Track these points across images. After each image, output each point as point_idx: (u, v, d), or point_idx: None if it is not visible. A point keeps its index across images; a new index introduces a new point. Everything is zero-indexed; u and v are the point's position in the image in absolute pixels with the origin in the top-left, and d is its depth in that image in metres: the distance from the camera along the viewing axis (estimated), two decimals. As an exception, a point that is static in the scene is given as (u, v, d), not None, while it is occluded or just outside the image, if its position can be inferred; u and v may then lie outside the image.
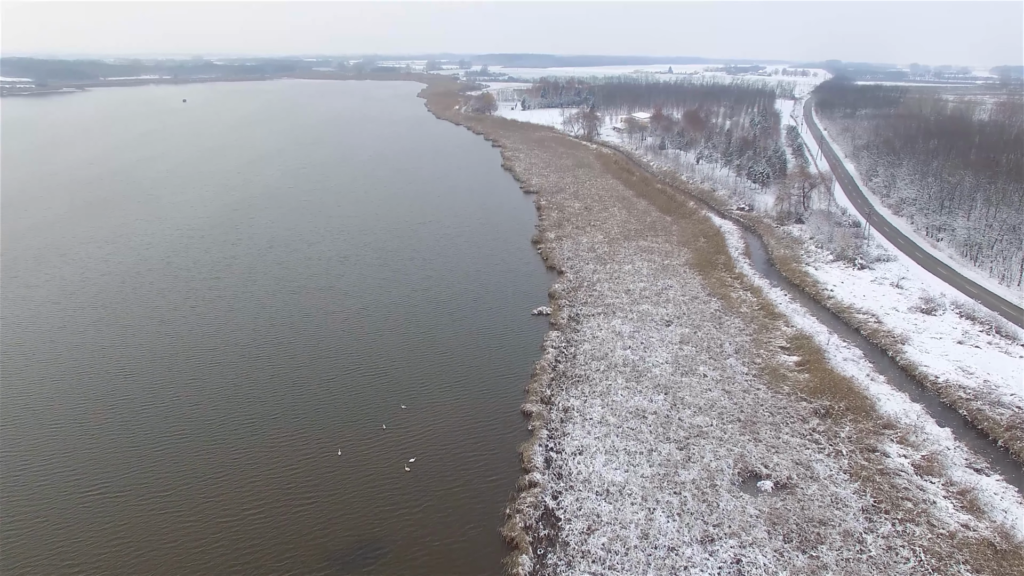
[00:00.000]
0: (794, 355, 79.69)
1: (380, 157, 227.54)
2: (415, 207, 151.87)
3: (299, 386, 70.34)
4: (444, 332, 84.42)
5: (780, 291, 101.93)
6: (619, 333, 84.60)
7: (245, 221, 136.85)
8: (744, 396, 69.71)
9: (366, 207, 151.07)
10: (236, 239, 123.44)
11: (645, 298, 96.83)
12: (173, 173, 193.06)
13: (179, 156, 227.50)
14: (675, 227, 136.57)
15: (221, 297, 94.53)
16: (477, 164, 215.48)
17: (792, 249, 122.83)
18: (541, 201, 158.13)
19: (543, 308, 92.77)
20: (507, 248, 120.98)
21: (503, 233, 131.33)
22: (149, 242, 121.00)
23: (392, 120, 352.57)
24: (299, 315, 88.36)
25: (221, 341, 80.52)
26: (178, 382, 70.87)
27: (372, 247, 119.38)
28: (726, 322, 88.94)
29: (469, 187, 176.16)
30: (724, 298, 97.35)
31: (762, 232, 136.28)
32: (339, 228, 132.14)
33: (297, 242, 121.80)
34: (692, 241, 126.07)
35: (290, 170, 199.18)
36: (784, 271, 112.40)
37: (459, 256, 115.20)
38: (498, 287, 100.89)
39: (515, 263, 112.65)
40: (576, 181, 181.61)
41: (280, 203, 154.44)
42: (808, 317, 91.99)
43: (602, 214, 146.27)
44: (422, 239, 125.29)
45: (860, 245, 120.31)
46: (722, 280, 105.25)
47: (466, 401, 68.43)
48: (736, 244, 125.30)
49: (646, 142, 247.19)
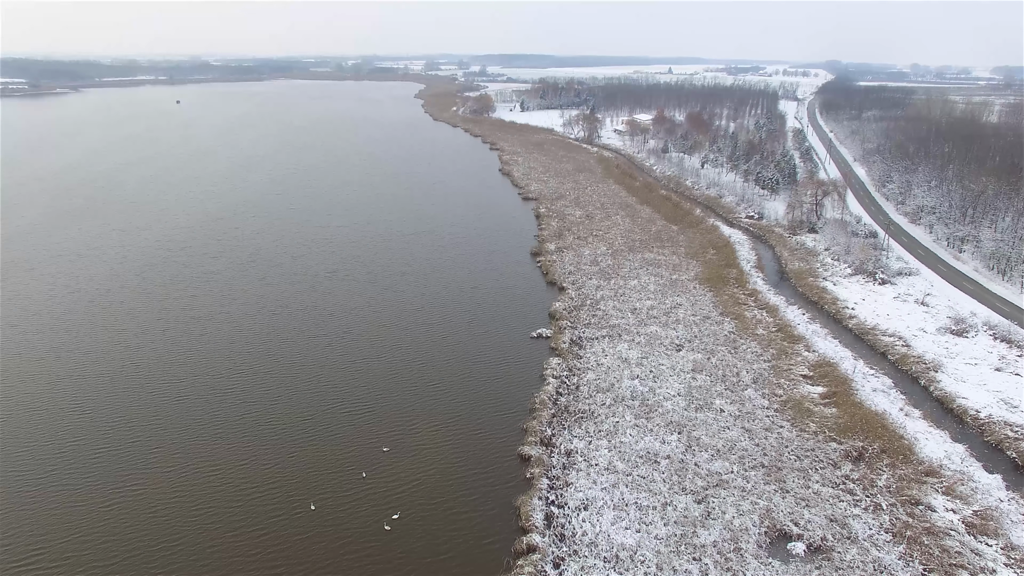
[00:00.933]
0: (818, 385, 72.72)
1: (374, 161, 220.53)
2: (409, 216, 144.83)
3: (271, 426, 63.26)
4: (435, 360, 77.36)
5: (797, 309, 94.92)
6: (626, 360, 77.59)
7: (228, 231, 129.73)
8: (766, 436, 62.71)
9: (357, 215, 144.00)
10: (217, 252, 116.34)
11: (653, 318, 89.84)
12: (157, 178, 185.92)
13: (166, 160, 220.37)
14: (682, 237, 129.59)
15: (196, 318, 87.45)
16: (474, 168, 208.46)
17: (807, 262, 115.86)
18: (540, 209, 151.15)
19: (543, 330, 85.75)
20: (505, 261, 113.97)
21: (500, 244, 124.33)
22: (124, 255, 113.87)
23: (388, 122, 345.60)
24: (277, 340, 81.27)
25: (190, 371, 73.43)
26: (139, 419, 63.78)
27: (361, 261, 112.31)
28: (742, 346, 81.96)
29: (465, 193, 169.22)
30: (738, 318, 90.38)
31: (774, 243, 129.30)
32: (327, 239, 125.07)
33: (281, 255, 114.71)
34: (701, 253, 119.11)
35: (279, 175, 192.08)
36: (800, 286, 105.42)
37: (453, 271, 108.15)
38: (495, 306, 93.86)
39: (513, 279, 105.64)
40: (577, 187, 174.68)
41: (266, 211, 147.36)
42: (830, 340, 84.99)
43: (604, 223, 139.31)
44: (415, 252, 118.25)
45: (879, 257, 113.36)
46: (735, 297, 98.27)
47: (457, 442, 61.41)
48: (747, 256, 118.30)
49: (648, 145, 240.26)
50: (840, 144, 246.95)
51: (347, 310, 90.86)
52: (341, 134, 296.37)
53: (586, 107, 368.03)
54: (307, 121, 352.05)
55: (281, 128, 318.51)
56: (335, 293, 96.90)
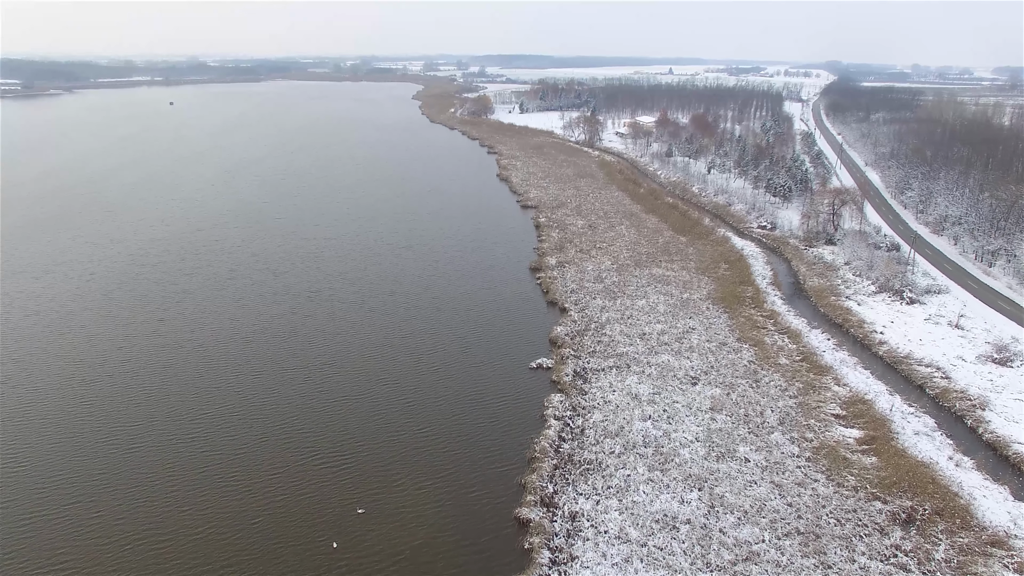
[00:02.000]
0: (853, 427, 64.74)
1: (367, 165, 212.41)
2: (401, 226, 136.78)
3: (232, 483, 55.17)
4: (423, 398, 69.30)
5: (821, 333, 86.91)
6: (636, 396, 69.57)
7: (208, 244, 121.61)
8: (800, 493, 54.70)
9: (346, 227, 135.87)
10: (193, 267, 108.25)
11: (664, 345, 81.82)
12: (140, 185, 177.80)
13: (152, 165, 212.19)
14: (691, 250, 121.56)
15: (161, 347, 79.38)
16: (471, 174, 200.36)
17: (827, 278, 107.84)
18: (540, 218, 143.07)
19: (543, 360, 77.72)
20: (502, 278, 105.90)
21: (498, 258, 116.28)
22: (92, 271, 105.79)
23: (383, 124, 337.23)
24: (249, 374, 73.18)
25: (148, 412, 65.35)
26: (81, 473, 55.76)
27: (348, 279, 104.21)
28: (764, 379, 73.95)
29: (461, 202, 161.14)
30: (757, 344, 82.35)
31: (789, 256, 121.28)
32: (313, 254, 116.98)
33: (262, 272, 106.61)
34: (712, 268, 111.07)
35: (268, 181, 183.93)
36: (822, 306, 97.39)
37: (447, 290, 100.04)
38: (491, 332, 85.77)
39: (511, 298, 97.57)
40: (578, 194, 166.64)
41: (251, 221, 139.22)
42: (860, 371, 76.99)
43: (608, 233, 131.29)
44: (406, 267, 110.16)
45: (904, 273, 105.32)
46: (752, 319, 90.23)
47: (444, 502, 53.39)
48: (762, 271, 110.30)
49: (652, 149, 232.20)
50: (850, 148, 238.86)
51: (329, 336, 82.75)
52: (335, 136, 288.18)
53: (586, 109, 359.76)
54: (301, 123, 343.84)
55: (274, 130, 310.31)
56: (316, 316, 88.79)
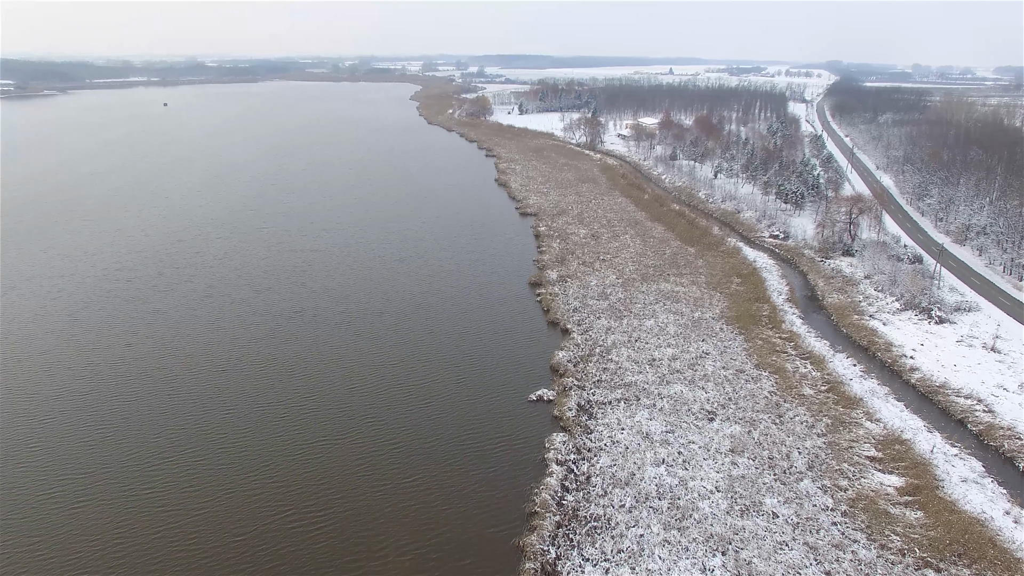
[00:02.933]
0: (892, 472, 57.79)
1: (360, 170, 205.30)
2: (394, 236, 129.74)
3: (191, 547, 48.22)
4: (412, 438, 62.28)
5: (846, 358, 79.87)
6: (647, 435, 62.60)
7: (187, 257, 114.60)
8: (839, 558, 47.75)
9: (335, 237, 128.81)
10: (170, 284, 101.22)
11: (676, 372, 74.84)
12: (124, 191, 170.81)
13: (138, 169, 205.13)
14: (701, 262, 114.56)
15: (125, 377, 72.35)
16: (468, 179, 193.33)
17: (847, 293, 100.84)
18: (540, 227, 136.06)
19: (544, 391, 70.75)
20: (500, 295, 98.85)
21: (495, 272, 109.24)
22: (61, 288, 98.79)
23: (379, 126, 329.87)
24: (220, 410, 66.07)
25: (102, 459, 58.34)
26: (19, 526, 48.80)
27: (335, 296, 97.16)
28: (787, 413, 66.98)
29: (458, 209, 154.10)
30: (778, 372, 75.38)
31: (805, 268, 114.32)
32: (298, 267, 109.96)
33: (243, 288, 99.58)
34: (724, 282, 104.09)
35: (257, 187, 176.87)
36: (844, 326, 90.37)
37: (441, 310, 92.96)
38: (487, 358, 78.73)
39: (509, 318, 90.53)
40: (580, 200, 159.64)
41: (236, 231, 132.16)
42: (892, 402, 70.02)
43: (612, 244, 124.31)
44: (398, 283, 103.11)
45: (930, 288, 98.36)
46: (770, 342, 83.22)
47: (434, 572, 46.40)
48: (778, 286, 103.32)
49: (655, 152, 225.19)
50: (859, 150, 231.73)
51: (310, 365, 75.71)
52: (329, 138, 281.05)
53: (587, 110, 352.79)
54: (296, 124, 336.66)
55: (267, 132, 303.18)
56: (298, 341, 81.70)
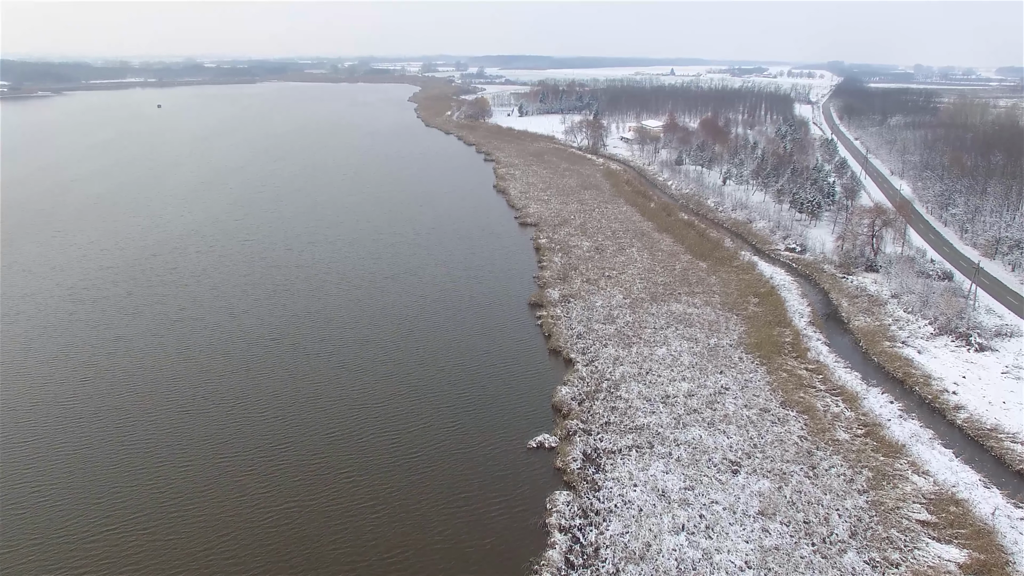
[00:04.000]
0: (950, 542, 49.70)
1: (354, 176, 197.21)
2: (385, 250, 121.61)
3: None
4: (396, 500, 54.15)
5: (881, 394, 71.74)
6: (663, 494, 54.49)
7: (162, 274, 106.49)
8: (901, 662, 39.64)
9: (323, 251, 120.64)
10: (138, 306, 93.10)
11: (693, 413, 66.72)
12: (105, 198, 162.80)
13: (123, 174, 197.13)
14: (714, 279, 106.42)
15: (76, 418, 64.27)
16: (466, 185, 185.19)
17: (875, 316, 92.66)
18: (541, 238, 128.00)
19: (545, 437, 62.63)
20: (497, 319, 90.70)
21: (493, 292, 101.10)
22: (20, 310, 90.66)
23: (376, 128, 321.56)
24: (177, 462, 57.89)
25: (46, 516, 50.29)
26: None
27: (318, 320, 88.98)
28: (822, 464, 58.85)
29: (454, 219, 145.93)
30: (807, 411, 67.26)
31: (826, 286, 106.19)
32: (281, 286, 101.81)
33: (218, 311, 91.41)
34: (740, 302, 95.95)
35: (245, 194, 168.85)
36: (875, 354, 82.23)
37: (433, 337, 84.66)
38: (483, 396, 70.54)
39: (507, 347, 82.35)
40: (583, 209, 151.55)
41: (217, 244, 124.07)
42: (940, 450, 61.89)
43: (618, 258, 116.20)
44: (388, 304, 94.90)
45: (965, 310, 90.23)
46: (795, 375, 75.11)
47: None
48: (799, 307, 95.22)
49: (660, 156, 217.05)
50: (871, 155, 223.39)
51: (285, 405, 67.56)
52: (323, 142, 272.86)
53: (588, 112, 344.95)
54: (290, 127, 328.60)
55: (259, 135, 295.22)
56: (274, 375, 73.51)
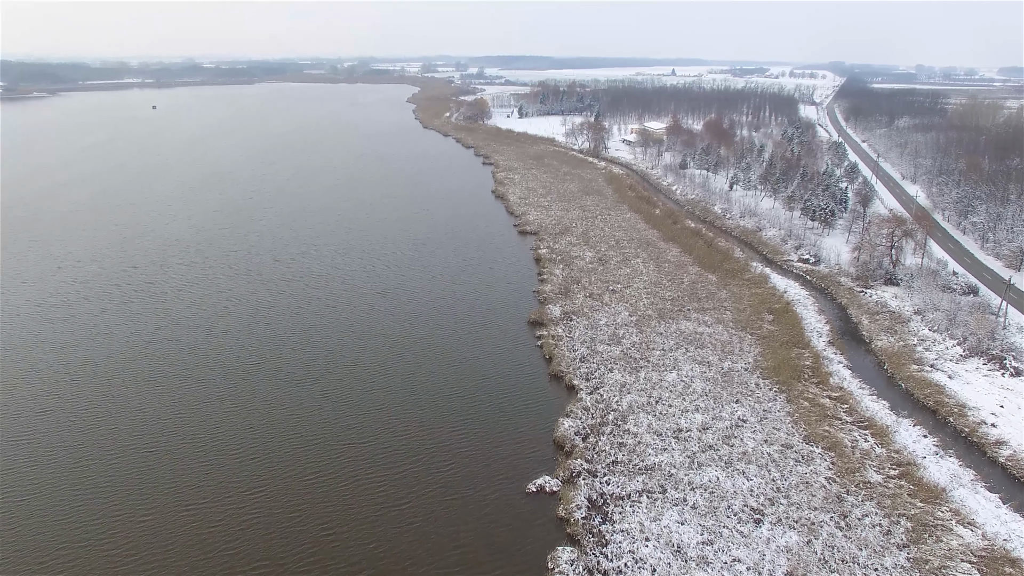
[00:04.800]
0: (1007, 612, 43.56)
1: (348, 181, 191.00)
2: (377, 263, 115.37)
3: None
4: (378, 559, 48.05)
5: (912, 426, 65.55)
6: (679, 550, 48.38)
7: (139, 288, 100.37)
8: None
9: (312, 263, 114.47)
10: (111, 324, 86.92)
11: (709, 449, 60.58)
12: (87, 204, 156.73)
13: (111, 178, 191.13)
14: (725, 293, 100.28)
15: (31, 460, 58.06)
16: (463, 191, 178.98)
17: (898, 335, 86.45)
18: (541, 248, 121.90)
19: (546, 480, 56.49)
20: (494, 339, 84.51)
21: (490, 309, 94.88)
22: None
23: (373, 130, 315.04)
24: (137, 511, 51.79)
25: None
26: None
27: (302, 341, 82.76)
28: (854, 512, 52.70)
29: (450, 228, 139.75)
30: (834, 447, 61.12)
31: (844, 300, 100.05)
32: (266, 303, 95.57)
33: (196, 331, 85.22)
34: (754, 320, 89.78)
35: (234, 200, 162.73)
36: (902, 379, 76.09)
37: (425, 361, 78.32)
38: (478, 432, 64.22)
39: (505, 372, 76.16)
40: (584, 216, 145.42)
41: (201, 254, 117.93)
42: (984, 494, 55.74)
43: (623, 270, 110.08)
44: (377, 325, 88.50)
45: (996, 329, 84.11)
46: (817, 404, 68.96)
47: None
48: (816, 325, 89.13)
49: (663, 160, 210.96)
50: (880, 158, 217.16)
51: (260, 442, 61.30)
52: (317, 145, 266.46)
53: (590, 113, 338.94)
54: (284, 129, 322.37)
55: (253, 137, 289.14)
56: (249, 407, 67.18)
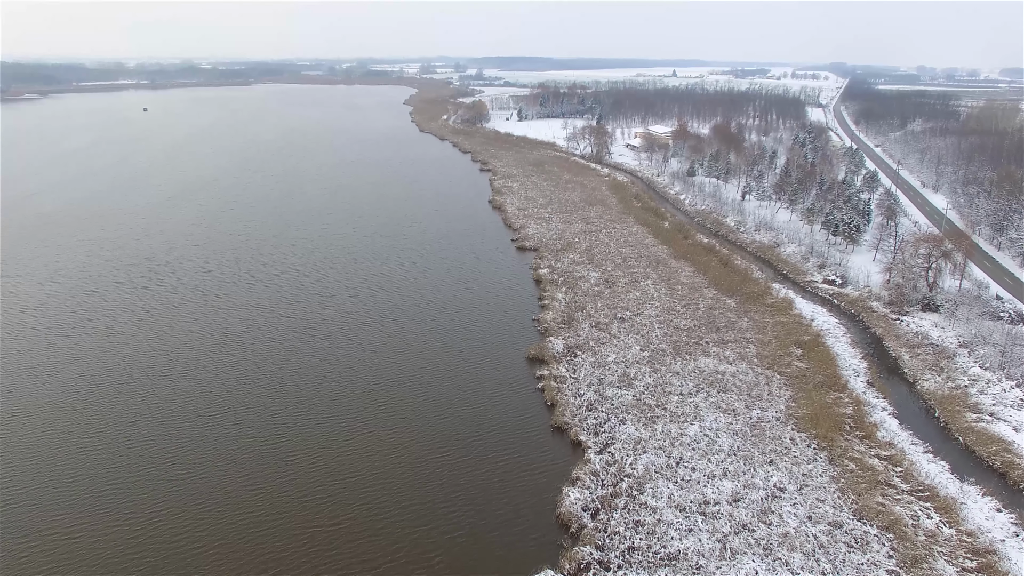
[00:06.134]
0: None
1: (336, 191, 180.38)
2: (362, 287, 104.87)
3: None
4: None
5: (981, 496, 55.26)
6: None
7: (92, 319, 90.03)
8: None
9: (291, 286, 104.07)
10: (56, 364, 76.52)
11: (743, 530, 50.31)
12: (54, 217, 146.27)
13: (85, 187, 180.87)
14: (746, 321, 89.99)
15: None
16: (458, 200, 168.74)
17: (946, 373, 76.15)
18: (541, 268, 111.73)
19: (547, 573, 46.31)
20: (488, 381, 74.25)
21: (484, 343, 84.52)
22: (-95, 368, 74.46)
23: (365, 135, 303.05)
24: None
25: None
26: None
27: (272, 385, 72.32)
28: (931, 623, 42.49)
29: (443, 243, 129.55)
30: (892, 526, 50.85)
31: (878, 329, 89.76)
32: (234, 336, 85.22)
33: (152, 372, 74.84)
34: (781, 355, 79.42)
35: (211, 213, 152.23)
36: (958, 431, 65.80)
37: (408, 412, 68.01)
38: (469, 509, 53.83)
39: (500, 424, 65.81)
40: (588, 229, 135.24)
41: (169, 276, 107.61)
42: (1084, 594, 45.58)
43: (632, 293, 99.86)
44: (357, 365, 77.75)
45: (1057, 367, 73.96)
46: (866, 465, 58.65)
47: None
48: (852, 361, 78.93)
49: (670, 167, 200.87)
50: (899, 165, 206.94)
51: (211, 524, 51.13)
52: (306, 151, 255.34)
53: (591, 116, 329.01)
54: (274, 133, 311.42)
55: (242, 143, 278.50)
56: (203, 474, 56.81)
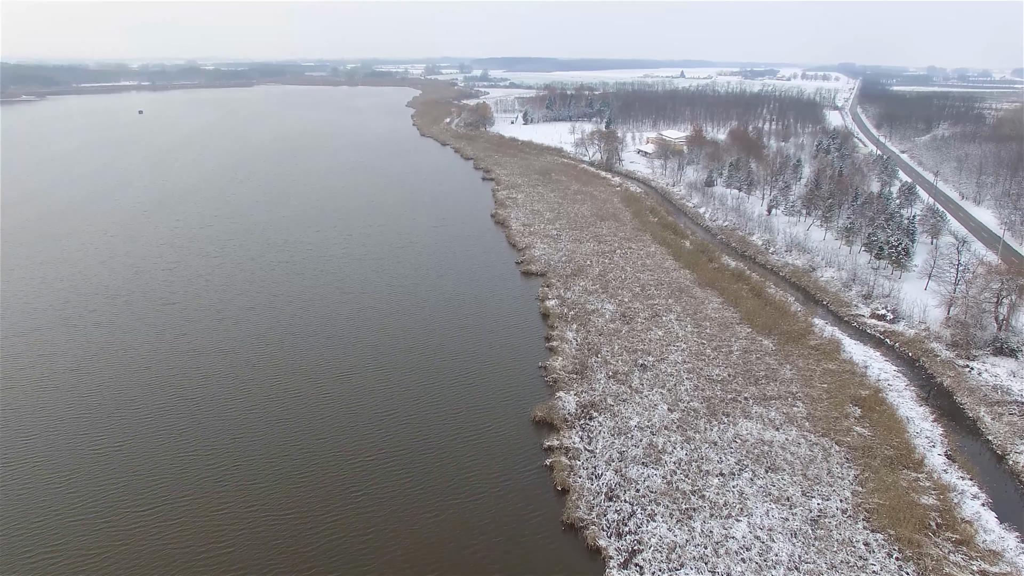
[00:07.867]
0: None
1: (326, 204, 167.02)
2: (346, 325, 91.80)
3: None
4: None
5: None
6: None
7: (24, 368, 77.54)
8: None
9: (264, 323, 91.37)
10: (-31, 422, 64.46)
11: None
12: (16, 235, 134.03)
13: (57, 199, 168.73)
14: (789, 369, 76.95)
15: None
16: (458, 214, 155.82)
17: (1041, 444, 63.23)
18: (549, 298, 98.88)
19: None
20: (485, 455, 61.34)
21: (483, 397, 71.69)
22: None
23: (364, 140, 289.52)
24: None
25: None
26: None
27: (220, 463, 59.88)
28: None
29: (440, 267, 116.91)
30: None
31: (945, 379, 76.59)
32: (188, 391, 72.58)
33: (92, 432, 62.33)
34: (836, 417, 66.41)
35: (187, 230, 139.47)
36: (1074, 530, 52.90)
37: (388, 498, 55.81)
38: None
39: (500, 522, 52.86)
40: (601, 250, 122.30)
41: (128, 308, 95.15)
42: None
43: (653, 331, 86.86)
44: (330, 435, 64.96)
45: None
46: (969, 585, 45.82)
47: None
48: (922, 425, 65.92)
49: (686, 176, 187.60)
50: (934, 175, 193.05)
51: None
52: (300, 157, 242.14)
53: (600, 119, 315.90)
54: (269, 137, 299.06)
55: (232, 147, 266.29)
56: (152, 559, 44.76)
